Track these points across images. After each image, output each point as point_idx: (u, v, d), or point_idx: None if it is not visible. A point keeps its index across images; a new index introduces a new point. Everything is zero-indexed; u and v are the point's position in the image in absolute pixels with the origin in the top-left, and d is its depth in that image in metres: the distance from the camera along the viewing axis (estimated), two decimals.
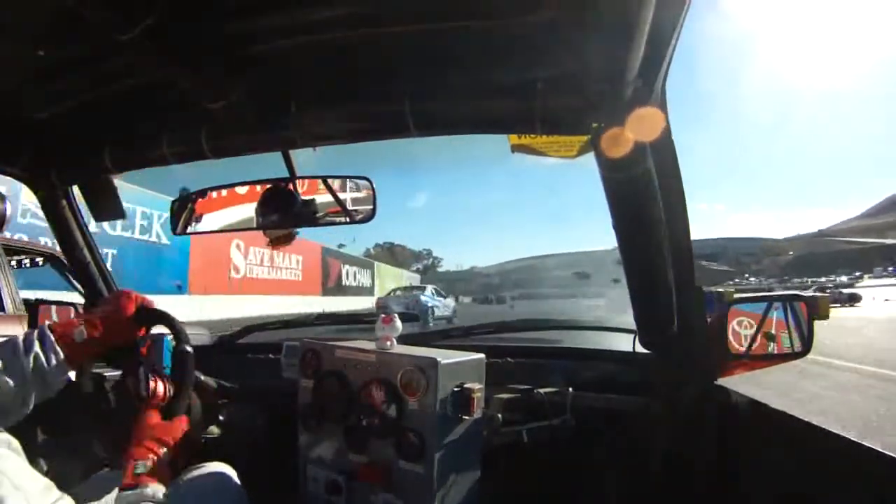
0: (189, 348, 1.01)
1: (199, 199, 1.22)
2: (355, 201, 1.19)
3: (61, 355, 0.91)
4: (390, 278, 35.06)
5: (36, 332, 0.92)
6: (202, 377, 1.26)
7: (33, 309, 1.55)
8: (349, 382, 1.06)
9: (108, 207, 1.30)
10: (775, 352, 1.10)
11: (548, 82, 0.85)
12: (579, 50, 0.75)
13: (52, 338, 0.91)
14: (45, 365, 0.89)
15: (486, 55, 0.87)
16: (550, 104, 0.85)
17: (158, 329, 1.06)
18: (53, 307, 1.54)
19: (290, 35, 0.84)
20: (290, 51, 0.87)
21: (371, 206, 1.18)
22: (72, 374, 0.94)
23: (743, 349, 1.09)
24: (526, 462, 1.15)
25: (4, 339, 0.90)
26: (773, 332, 1.10)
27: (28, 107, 1.04)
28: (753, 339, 1.10)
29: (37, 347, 0.89)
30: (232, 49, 0.84)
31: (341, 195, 1.19)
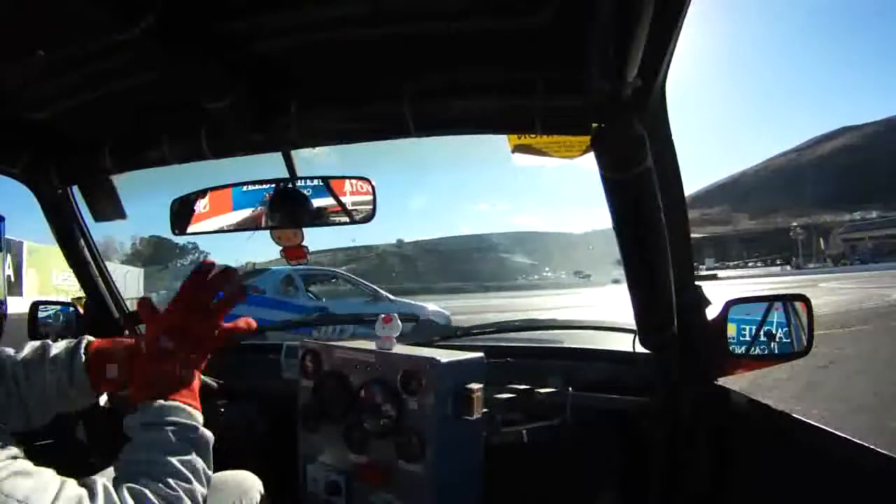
0: None
1: (200, 200, 1.22)
2: (355, 202, 1.19)
3: (86, 381, 0.79)
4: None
5: (72, 344, 0.81)
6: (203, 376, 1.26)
7: (32, 310, 1.53)
8: (349, 383, 1.06)
9: (108, 207, 1.30)
10: (775, 352, 1.10)
11: (548, 82, 0.85)
12: (579, 50, 0.75)
13: (83, 359, 0.80)
14: (68, 384, 0.78)
15: (485, 55, 0.87)
16: (550, 104, 0.85)
17: None
18: (49, 307, 1.53)
19: (290, 35, 0.84)
20: (290, 51, 0.87)
21: (371, 206, 1.18)
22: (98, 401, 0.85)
23: (743, 349, 1.09)
24: (526, 462, 1.15)
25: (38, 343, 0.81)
26: (773, 331, 1.10)
27: (28, 107, 1.04)
28: (753, 339, 1.10)
29: (60, 363, 0.79)
30: (232, 49, 0.84)
31: (341, 196, 1.19)
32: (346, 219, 1.19)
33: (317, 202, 1.19)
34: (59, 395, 0.79)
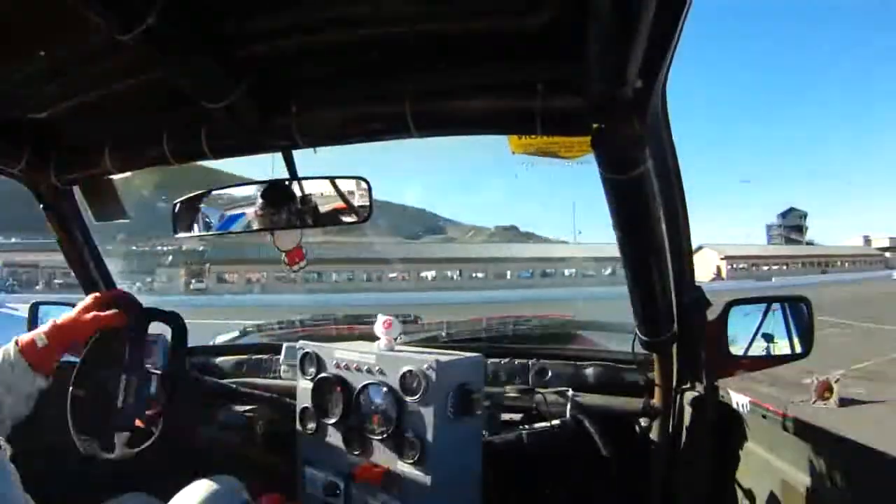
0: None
1: (201, 201, 1.22)
2: (354, 201, 1.19)
3: (24, 364, 0.94)
4: None
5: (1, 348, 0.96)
6: (202, 377, 1.26)
7: (32, 310, 1.53)
8: (348, 384, 1.06)
9: (108, 207, 1.30)
10: (774, 353, 1.10)
11: (548, 83, 0.84)
12: (579, 50, 0.75)
13: (15, 349, 0.95)
14: (11, 376, 0.93)
15: (486, 55, 0.87)
16: (550, 105, 0.85)
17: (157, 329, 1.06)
18: (52, 307, 1.53)
19: (290, 35, 0.84)
20: (290, 51, 0.87)
21: (368, 205, 1.18)
22: (43, 383, 0.96)
23: (742, 350, 1.09)
24: (526, 463, 1.15)
25: None
26: (771, 333, 1.10)
27: (28, 107, 1.04)
28: (752, 340, 1.10)
29: None
30: (232, 49, 0.84)
31: (340, 196, 1.19)
32: (345, 218, 1.19)
33: (316, 202, 1.19)
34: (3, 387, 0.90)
